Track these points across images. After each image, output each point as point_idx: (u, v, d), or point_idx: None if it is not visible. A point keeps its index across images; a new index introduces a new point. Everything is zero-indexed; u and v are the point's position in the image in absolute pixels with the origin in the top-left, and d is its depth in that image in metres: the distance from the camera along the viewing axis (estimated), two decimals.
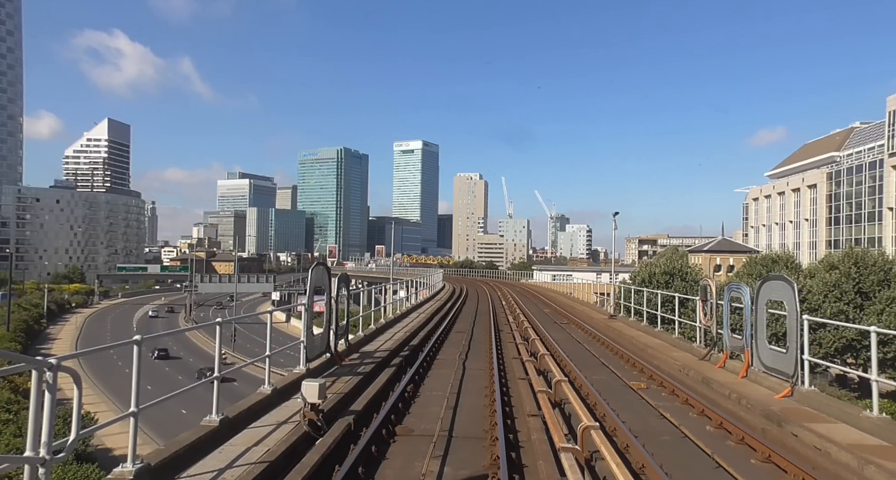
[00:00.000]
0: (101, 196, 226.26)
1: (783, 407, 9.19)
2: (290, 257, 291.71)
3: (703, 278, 14.63)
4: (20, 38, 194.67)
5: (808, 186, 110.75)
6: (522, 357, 13.57)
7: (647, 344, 16.62)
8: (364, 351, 14.29)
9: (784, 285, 10.52)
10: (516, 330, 18.91)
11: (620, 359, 14.94)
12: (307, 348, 10.78)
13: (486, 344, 16.90)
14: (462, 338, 18.46)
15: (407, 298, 31.47)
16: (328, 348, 12.14)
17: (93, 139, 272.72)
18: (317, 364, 11.44)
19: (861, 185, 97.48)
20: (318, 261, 11.81)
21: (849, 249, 46.45)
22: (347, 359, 13.00)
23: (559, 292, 51.99)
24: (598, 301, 48.50)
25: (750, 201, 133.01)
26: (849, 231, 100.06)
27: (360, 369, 11.98)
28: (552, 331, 20.50)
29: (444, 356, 14.82)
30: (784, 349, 10.42)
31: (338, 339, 13.21)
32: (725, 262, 60.56)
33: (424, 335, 17.80)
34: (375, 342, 16.02)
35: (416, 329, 18.89)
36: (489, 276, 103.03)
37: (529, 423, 8.34)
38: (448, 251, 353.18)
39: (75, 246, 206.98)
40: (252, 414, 8.06)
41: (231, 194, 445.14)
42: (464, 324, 22.97)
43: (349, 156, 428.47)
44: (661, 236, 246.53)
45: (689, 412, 9.50)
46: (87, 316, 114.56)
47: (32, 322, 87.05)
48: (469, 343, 17.12)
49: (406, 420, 8.74)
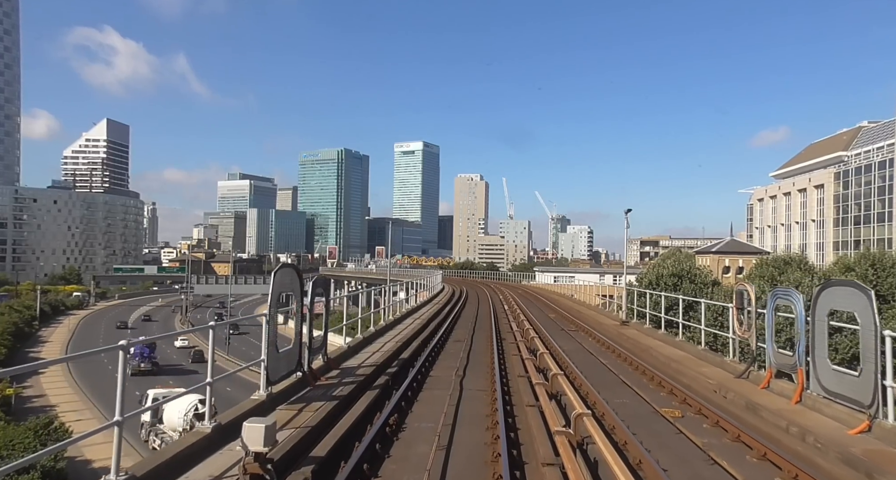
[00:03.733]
0: (99, 197, 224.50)
1: (867, 449, 7.22)
2: (290, 259, 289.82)
3: (738, 282, 12.68)
4: (17, 37, 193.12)
5: (814, 186, 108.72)
6: (530, 376, 11.60)
7: (669, 357, 14.66)
8: (346, 367, 12.33)
9: (854, 293, 8.55)
10: (521, 340, 16.93)
11: (643, 376, 12.96)
12: (269, 368, 8.81)
13: (486, 356, 14.95)
14: (460, 349, 16.51)
15: (404, 300, 29.53)
16: (299, 365, 10.19)
17: (91, 140, 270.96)
18: (283, 387, 9.48)
19: (870, 185, 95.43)
20: (284, 263, 9.83)
21: (866, 250, 44.60)
22: (324, 378, 11.04)
23: (563, 294, 50.02)
24: (601, 304, 46.57)
25: (755, 201, 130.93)
26: (857, 232, 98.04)
27: (336, 391, 10.03)
28: (560, 340, 18.53)
29: (439, 373, 12.85)
30: (855, 372, 8.46)
31: (313, 355, 11.26)
32: (734, 263, 58.58)
33: (418, 346, 15.85)
34: (361, 354, 14.06)
35: (409, 338, 16.94)
36: (490, 277, 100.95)
37: (546, 475, 6.39)
38: (448, 253, 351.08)
39: (73, 247, 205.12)
40: (177, 466, 6.08)
41: (231, 195, 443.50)
42: (462, 332, 20.98)
43: (350, 157, 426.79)
44: (662, 238, 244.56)
45: (745, 453, 7.52)
46: (82, 318, 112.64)
47: (23, 325, 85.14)
48: (468, 356, 15.15)
49: (384, 469, 6.77)
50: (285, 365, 9.60)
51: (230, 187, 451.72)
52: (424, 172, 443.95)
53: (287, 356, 9.73)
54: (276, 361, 9.07)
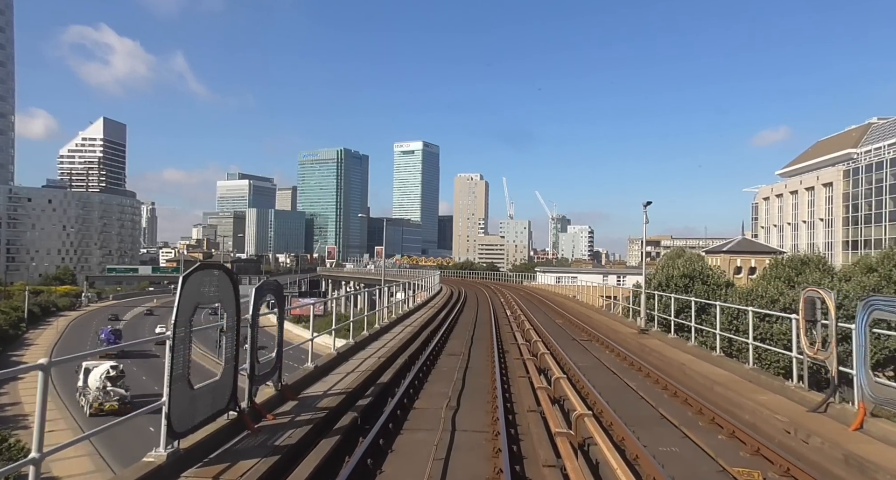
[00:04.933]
0: (95, 196, 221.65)
1: None
2: (289, 259, 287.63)
3: (806, 287, 9.88)
4: (11, 34, 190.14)
5: (822, 184, 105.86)
6: (544, 411, 8.90)
7: (710, 378, 11.95)
8: (307, 397, 9.63)
9: None
10: (528, 357, 14.19)
11: (687, 407, 10.24)
12: (173, 415, 6.08)
13: (486, 378, 12.27)
14: (455, 366, 13.81)
15: (395, 305, 26.86)
16: (233, 402, 7.48)
17: (88, 138, 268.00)
18: (204, 437, 6.78)
19: (881, 182, 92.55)
20: (203, 263, 7.11)
21: (889, 249, 41.97)
22: (272, 416, 8.33)
23: (567, 296, 47.36)
24: (605, 306, 43.88)
25: (760, 200, 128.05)
26: (868, 232, 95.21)
27: (282, 437, 7.33)
28: (574, 354, 15.83)
29: (427, 404, 10.13)
30: None
31: (258, 383, 8.56)
32: (746, 263, 55.79)
33: (403, 364, 13.14)
34: (332, 376, 11.37)
35: (394, 353, 14.23)
36: (490, 278, 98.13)
37: None
38: (448, 253, 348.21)
39: (68, 247, 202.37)
40: None
41: (231, 195, 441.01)
42: (458, 343, 18.24)
43: (349, 157, 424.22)
44: (664, 237, 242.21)
45: None
46: (72, 320, 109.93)
47: (8, 327, 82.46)
48: (464, 378, 12.44)
49: None
50: (207, 405, 6.88)
51: (229, 186, 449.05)
52: (424, 172, 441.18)
53: (212, 392, 7.03)
54: (186, 402, 6.35)
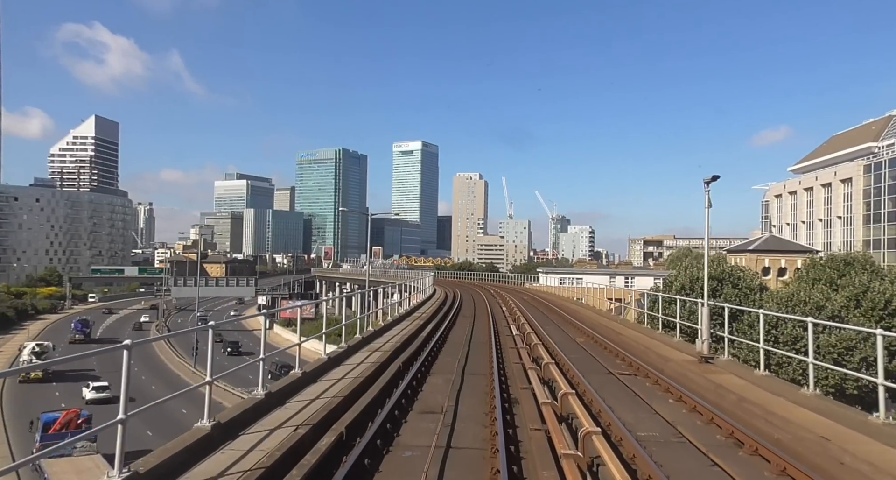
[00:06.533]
0: (84, 195, 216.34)
1: None
2: (287, 259, 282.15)
3: None
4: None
5: (840, 180, 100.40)
6: None
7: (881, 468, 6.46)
8: None
9: None
10: (544, 402, 8.60)
11: None
12: None
13: (484, 432, 6.75)
14: (441, 406, 8.27)
15: (372, 315, 21.40)
16: None
17: (79, 137, 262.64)
18: None
19: None
20: None
21: None
22: None
23: (578, 302, 41.92)
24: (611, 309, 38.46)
25: (770, 198, 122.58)
26: (891, 230, 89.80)
27: None
28: (618, 406, 10.25)
29: None
30: None
31: None
32: (775, 264, 50.38)
33: (373, 400, 7.59)
34: (269, 419, 5.88)
35: (364, 382, 8.68)
36: (489, 279, 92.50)
37: None
38: (448, 253, 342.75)
39: (56, 247, 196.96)
40: None
41: (228, 195, 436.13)
42: (441, 386, 12.46)
43: (348, 156, 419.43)
44: (666, 237, 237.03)
45: None
46: (50, 323, 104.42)
47: None
48: (450, 436, 6.88)
49: None
50: None
51: (227, 186, 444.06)
52: (423, 172, 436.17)
53: None
54: None
